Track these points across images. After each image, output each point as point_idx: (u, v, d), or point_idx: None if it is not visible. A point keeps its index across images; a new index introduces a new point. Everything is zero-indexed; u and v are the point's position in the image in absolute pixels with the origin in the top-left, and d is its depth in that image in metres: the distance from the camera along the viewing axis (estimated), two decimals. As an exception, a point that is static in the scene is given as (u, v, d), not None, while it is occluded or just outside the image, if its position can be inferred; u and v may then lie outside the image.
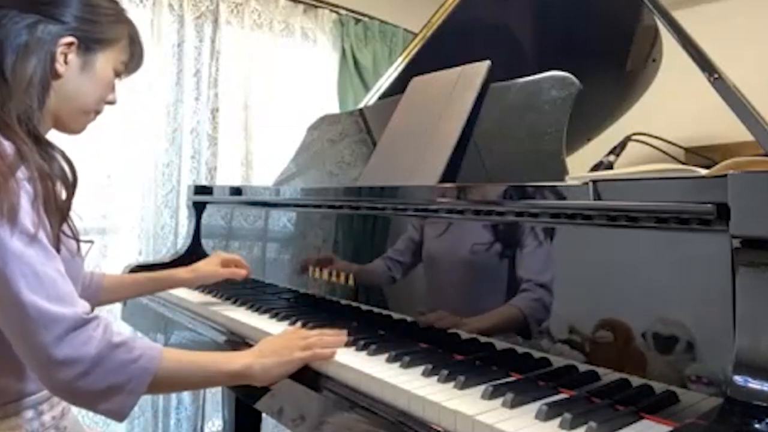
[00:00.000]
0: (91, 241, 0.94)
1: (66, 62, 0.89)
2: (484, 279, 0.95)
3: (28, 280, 0.73)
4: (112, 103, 1.00)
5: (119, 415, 0.78)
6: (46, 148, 0.85)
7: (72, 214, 0.88)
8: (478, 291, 0.97)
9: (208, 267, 1.34)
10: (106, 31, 0.94)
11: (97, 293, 1.20)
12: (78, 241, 0.89)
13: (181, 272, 1.32)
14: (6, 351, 0.78)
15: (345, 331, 1.00)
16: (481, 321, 0.93)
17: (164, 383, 0.83)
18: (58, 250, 0.81)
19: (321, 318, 1.17)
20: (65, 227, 0.85)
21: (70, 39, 0.89)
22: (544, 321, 0.84)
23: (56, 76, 0.89)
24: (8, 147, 0.78)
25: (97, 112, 0.98)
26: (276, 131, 2.56)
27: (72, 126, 0.96)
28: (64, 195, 0.85)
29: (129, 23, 1.00)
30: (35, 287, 0.73)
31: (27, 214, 0.75)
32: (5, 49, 0.84)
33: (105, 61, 0.95)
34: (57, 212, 0.82)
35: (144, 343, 0.81)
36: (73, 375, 0.73)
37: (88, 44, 0.92)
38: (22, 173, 0.77)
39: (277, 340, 0.97)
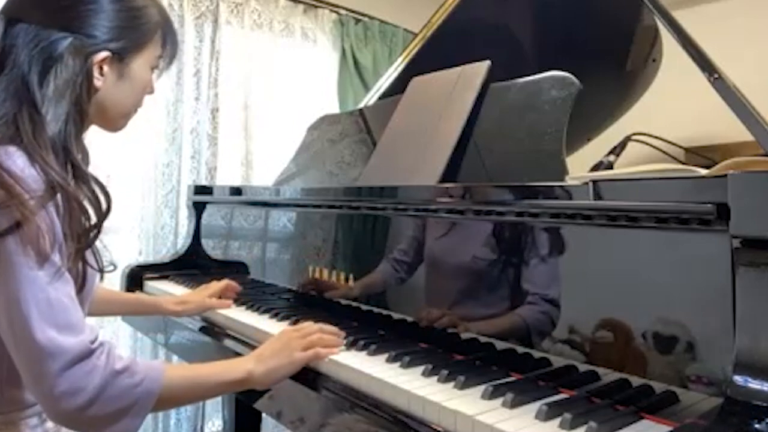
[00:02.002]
0: (114, 267, 0.93)
1: (102, 75, 0.83)
2: (484, 278, 0.95)
3: (40, 306, 0.71)
4: (150, 93, 0.94)
5: None
6: (82, 176, 0.81)
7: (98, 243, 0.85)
8: (477, 291, 0.96)
9: (195, 299, 1.30)
10: (140, 36, 0.87)
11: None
12: (102, 272, 0.87)
13: (170, 304, 1.30)
14: (14, 365, 0.77)
15: (342, 333, 1.00)
16: (481, 320, 0.93)
17: (168, 401, 0.83)
18: (84, 277, 0.79)
19: (321, 318, 1.16)
20: (90, 258, 0.83)
21: (104, 54, 0.82)
22: (543, 321, 0.84)
23: (93, 91, 0.83)
24: (38, 177, 0.74)
25: (138, 107, 0.94)
26: (276, 131, 2.56)
27: (112, 127, 0.93)
28: (93, 222, 0.82)
29: (160, 12, 0.92)
30: (46, 314, 0.72)
31: (49, 243, 0.73)
32: (32, 76, 0.77)
33: (141, 64, 0.89)
34: (83, 240, 0.79)
35: (146, 365, 0.80)
36: (78, 405, 0.72)
37: (122, 54, 0.85)
38: (52, 202, 0.74)
39: (276, 341, 0.96)
